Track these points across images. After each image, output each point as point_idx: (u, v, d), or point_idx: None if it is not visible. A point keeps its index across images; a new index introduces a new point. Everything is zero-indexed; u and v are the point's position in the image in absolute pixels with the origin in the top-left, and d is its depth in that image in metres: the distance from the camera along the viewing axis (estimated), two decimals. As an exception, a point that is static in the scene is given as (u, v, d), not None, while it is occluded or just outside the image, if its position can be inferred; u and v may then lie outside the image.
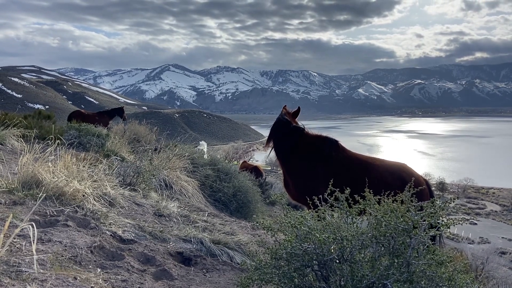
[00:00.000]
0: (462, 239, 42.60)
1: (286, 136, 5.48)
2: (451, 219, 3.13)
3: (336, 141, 5.51)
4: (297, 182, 5.46)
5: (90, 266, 3.24)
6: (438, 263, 2.81)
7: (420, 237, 2.73)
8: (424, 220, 2.88)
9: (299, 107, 5.85)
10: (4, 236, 2.69)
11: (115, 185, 5.70)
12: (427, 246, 2.79)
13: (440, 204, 3.04)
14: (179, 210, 5.87)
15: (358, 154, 5.72)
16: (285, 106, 5.79)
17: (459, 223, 3.17)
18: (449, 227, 3.07)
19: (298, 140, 5.44)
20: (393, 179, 5.08)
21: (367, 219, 3.15)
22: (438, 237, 5.17)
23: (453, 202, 3.29)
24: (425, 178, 5.58)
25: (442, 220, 3.03)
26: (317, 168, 5.32)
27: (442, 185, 74.73)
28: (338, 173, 5.12)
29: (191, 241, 4.47)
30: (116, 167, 6.94)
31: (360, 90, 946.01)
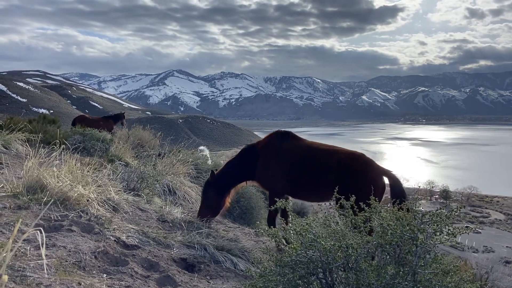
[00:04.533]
0: (466, 248, 42.27)
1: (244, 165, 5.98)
2: (456, 227, 3.11)
3: (287, 133, 5.92)
4: (261, 179, 5.92)
5: (94, 272, 3.23)
6: (444, 272, 2.79)
7: (426, 246, 2.72)
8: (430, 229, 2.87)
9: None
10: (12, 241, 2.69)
11: (119, 190, 5.71)
12: (434, 255, 2.77)
13: (446, 213, 3.02)
14: (182, 216, 5.86)
15: (314, 142, 5.96)
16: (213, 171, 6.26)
17: (463, 232, 3.15)
18: (455, 236, 3.05)
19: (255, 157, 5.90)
20: (330, 161, 5.31)
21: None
22: None
23: (459, 211, 3.27)
24: (390, 171, 5.32)
25: (448, 229, 3.01)
26: (270, 162, 5.74)
27: (446, 193, 74.31)
28: (288, 161, 5.60)
29: (195, 247, 4.47)
30: (120, 172, 6.95)
31: (363, 97, 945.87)
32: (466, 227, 3.23)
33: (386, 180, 5.22)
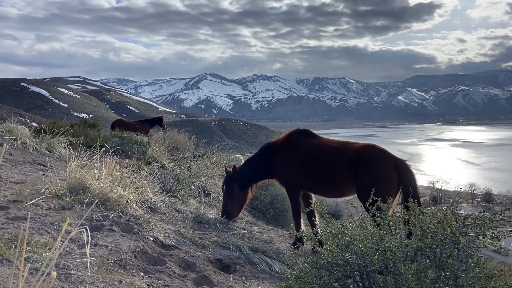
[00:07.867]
0: (510, 253, 40.32)
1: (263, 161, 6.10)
2: (500, 231, 2.98)
3: (305, 130, 6.01)
4: (277, 174, 6.00)
5: (134, 270, 3.33)
6: (487, 277, 2.68)
7: (468, 250, 2.62)
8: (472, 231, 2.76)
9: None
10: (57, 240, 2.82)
11: (156, 192, 5.85)
12: (477, 259, 2.66)
13: (489, 216, 2.90)
14: (217, 217, 5.94)
15: (330, 139, 6.00)
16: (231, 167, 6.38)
17: (508, 236, 3.02)
18: (499, 240, 2.93)
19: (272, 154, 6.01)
20: (342, 157, 5.30)
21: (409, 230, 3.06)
22: None
23: (503, 214, 3.13)
24: (404, 162, 5.12)
25: (492, 232, 2.90)
26: (286, 158, 5.84)
27: (488, 196, 71.18)
28: (303, 158, 5.69)
29: (230, 248, 4.51)
30: (156, 174, 7.13)
31: (400, 97, 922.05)
32: (511, 231, 3.09)
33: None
